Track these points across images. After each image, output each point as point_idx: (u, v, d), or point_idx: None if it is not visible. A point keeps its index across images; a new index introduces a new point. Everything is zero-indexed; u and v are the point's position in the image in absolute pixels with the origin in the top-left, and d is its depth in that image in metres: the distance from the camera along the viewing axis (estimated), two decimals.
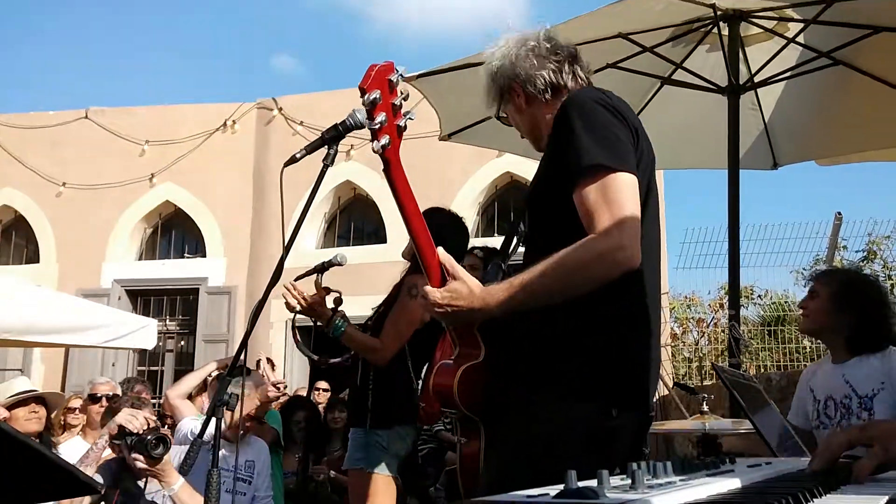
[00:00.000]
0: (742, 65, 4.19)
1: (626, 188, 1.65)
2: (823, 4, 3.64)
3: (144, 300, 12.52)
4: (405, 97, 1.69)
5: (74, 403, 4.72)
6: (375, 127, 1.64)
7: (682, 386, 4.97)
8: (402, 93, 1.68)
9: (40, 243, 12.60)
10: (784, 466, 1.22)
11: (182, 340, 12.55)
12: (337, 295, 3.21)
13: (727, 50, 4.03)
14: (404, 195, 1.72)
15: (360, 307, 3.91)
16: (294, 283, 3.12)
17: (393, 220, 11.38)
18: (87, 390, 4.35)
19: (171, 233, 12.93)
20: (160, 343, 11.62)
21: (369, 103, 1.62)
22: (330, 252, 10.10)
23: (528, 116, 1.97)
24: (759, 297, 8.54)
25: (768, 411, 2.05)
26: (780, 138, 4.73)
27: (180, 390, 4.57)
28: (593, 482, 0.85)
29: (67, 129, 12.57)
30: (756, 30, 4.22)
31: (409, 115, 1.70)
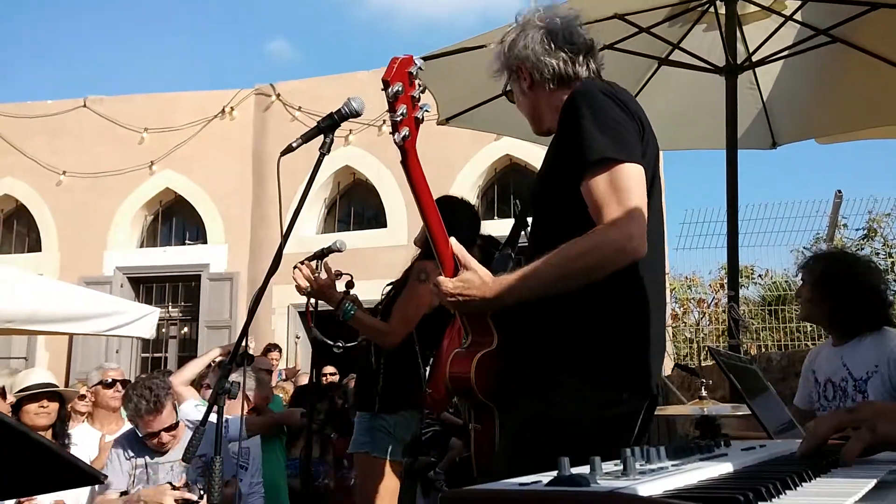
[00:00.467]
0: (739, 44, 4.16)
1: (633, 179, 1.68)
2: None
3: (146, 287, 12.56)
4: (423, 90, 1.73)
5: (82, 390, 4.74)
6: (398, 119, 1.67)
7: (682, 367, 4.98)
8: (419, 85, 1.71)
9: (42, 232, 12.63)
10: (778, 449, 1.23)
11: (185, 327, 12.60)
12: (349, 278, 3.21)
13: (724, 29, 4.01)
14: (420, 187, 1.76)
15: (361, 291, 3.91)
16: (306, 264, 3.11)
17: (392, 204, 11.38)
18: (98, 376, 4.36)
19: (172, 220, 12.95)
20: (163, 330, 11.69)
21: (392, 95, 1.66)
22: (330, 237, 10.11)
23: (530, 100, 2.00)
24: (759, 276, 8.54)
25: (766, 394, 2.06)
26: (778, 117, 4.70)
27: (184, 377, 4.60)
28: (585, 469, 0.86)
29: (66, 118, 12.56)
30: (753, 8, 4.19)
31: (425, 107, 1.73)
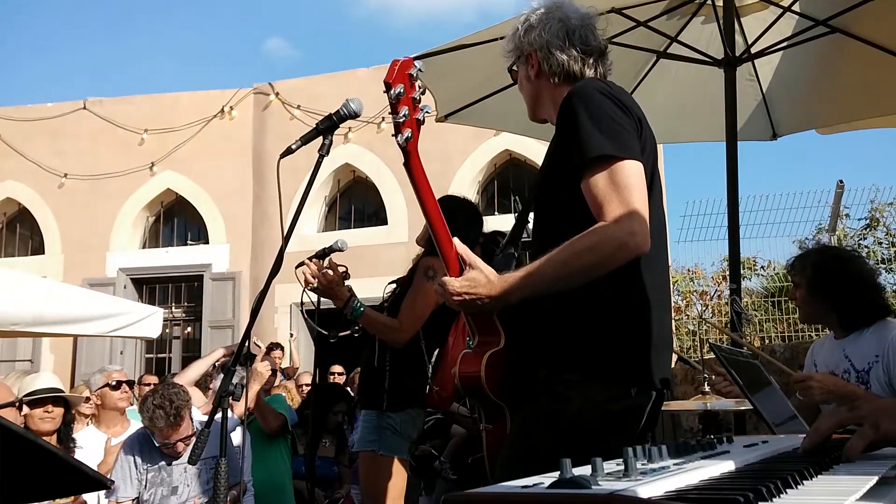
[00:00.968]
0: (738, 36, 4.14)
1: (633, 175, 1.69)
2: None
3: (150, 288, 12.57)
4: (423, 91, 1.75)
5: (84, 393, 4.74)
6: (400, 120, 1.69)
7: (684, 360, 4.98)
8: (419, 88, 1.73)
9: (44, 235, 12.64)
10: (781, 444, 1.22)
11: (188, 327, 12.61)
12: (344, 269, 3.20)
13: (722, 21, 4.00)
14: (423, 188, 1.77)
15: (363, 288, 3.91)
16: (314, 260, 3.11)
17: (393, 201, 11.37)
18: (102, 379, 4.37)
19: (174, 220, 12.95)
20: (167, 330, 11.70)
21: (394, 97, 1.67)
22: (331, 235, 10.10)
23: (534, 87, 2.01)
24: (762, 268, 8.52)
25: (768, 389, 2.06)
26: (778, 108, 4.69)
27: (188, 377, 4.61)
28: (587, 469, 0.86)
29: (66, 120, 12.56)
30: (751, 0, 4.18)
31: (426, 109, 1.74)
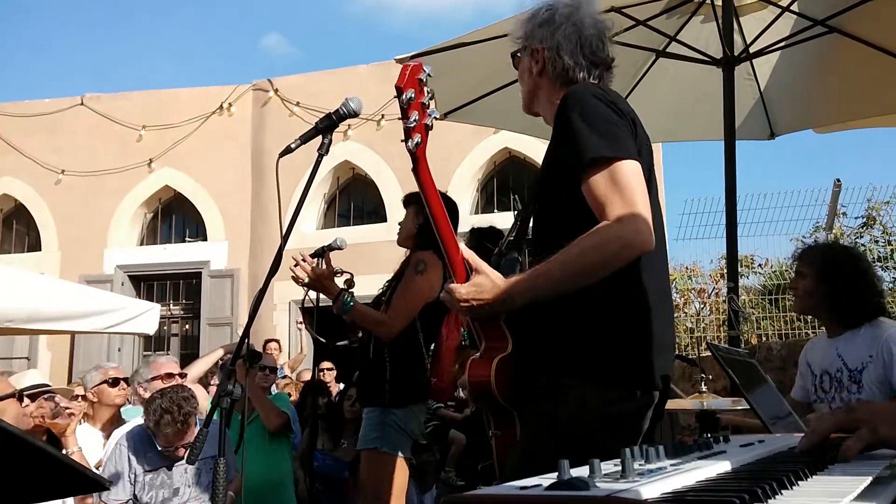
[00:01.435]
0: (736, 35, 4.15)
1: (632, 175, 1.70)
2: None
3: (147, 285, 12.57)
4: (431, 96, 1.75)
5: (78, 391, 4.71)
6: (410, 125, 1.69)
7: (682, 358, 4.99)
8: (428, 92, 1.74)
9: (41, 231, 12.62)
10: (777, 444, 1.23)
11: (186, 324, 12.61)
12: (349, 276, 3.22)
13: (721, 20, 4.01)
14: (430, 193, 1.78)
15: (363, 286, 3.92)
16: (303, 255, 3.11)
17: (392, 198, 11.37)
18: (99, 376, 4.35)
19: (172, 217, 12.94)
20: (165, 328, 11.70)
21: (406, 102, 1.68)
22: (330, 233, 10.11)
23: (533, 82, 2.01)
24: (759, 266, 8.53)
25: (764, 388, 2.08)
26: (776, 108, 4.70)
27: (191, 376, 4.62)
28: (585, 470, 0.86)
29: (64, 116, 12.54)
30: None
31: (433, 114, 1.75)
